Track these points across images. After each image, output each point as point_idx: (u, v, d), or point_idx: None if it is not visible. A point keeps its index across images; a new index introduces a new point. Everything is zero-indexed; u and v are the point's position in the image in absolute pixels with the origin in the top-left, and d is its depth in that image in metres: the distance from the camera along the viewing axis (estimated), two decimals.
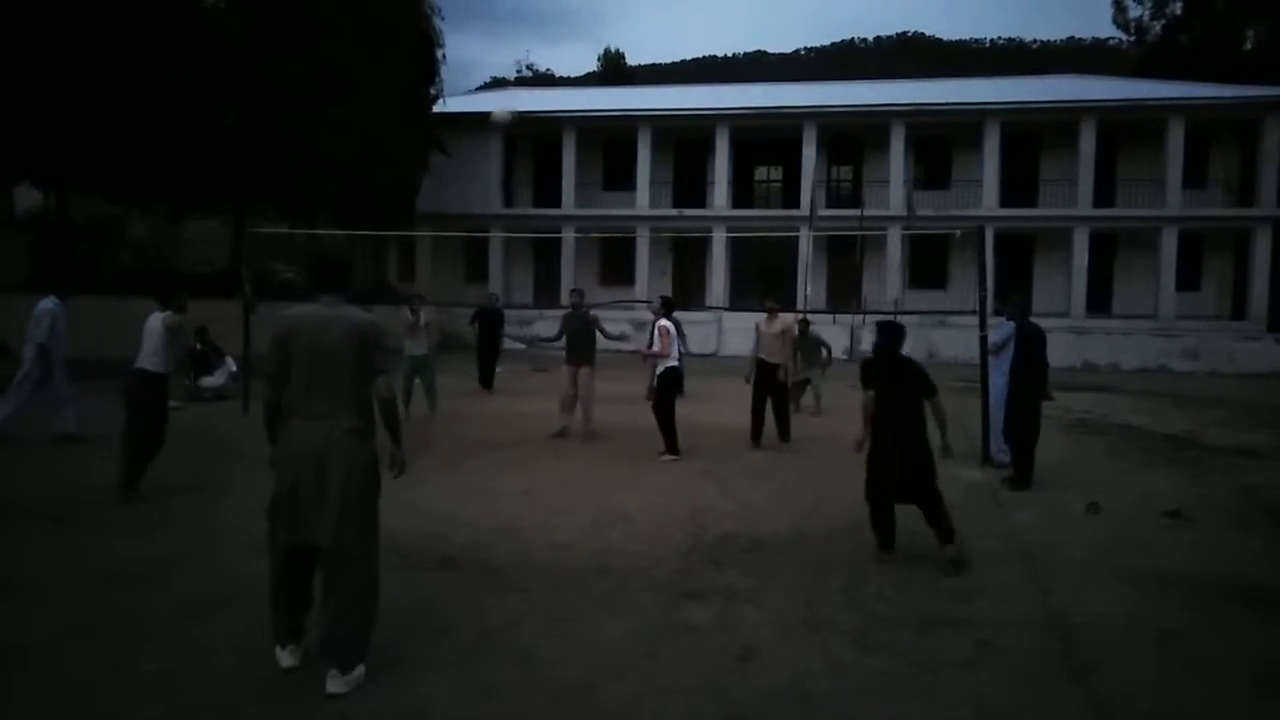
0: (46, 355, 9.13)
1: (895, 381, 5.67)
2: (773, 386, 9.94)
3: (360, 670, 3.60)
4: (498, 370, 15.32)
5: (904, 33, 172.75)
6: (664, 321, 9.39)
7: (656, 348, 9.35)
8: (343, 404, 3.60)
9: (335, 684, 3.52)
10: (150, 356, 6.94)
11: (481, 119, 30.68)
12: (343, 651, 3.55)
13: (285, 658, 3.72)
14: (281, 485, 3.63)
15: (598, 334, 10.32)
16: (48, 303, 9.24)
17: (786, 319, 10.12)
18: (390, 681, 3.67)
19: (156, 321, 7.03)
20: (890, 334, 5.85)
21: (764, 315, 10.26)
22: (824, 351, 13.24)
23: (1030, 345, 8.01)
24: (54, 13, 15.92)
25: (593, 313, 10.57)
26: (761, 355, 9.97)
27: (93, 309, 16.76)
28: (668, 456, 9.07)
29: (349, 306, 3.78)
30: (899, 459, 5.53)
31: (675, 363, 9.39)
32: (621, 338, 11.19)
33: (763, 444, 9.89)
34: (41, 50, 16.12)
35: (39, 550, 5.38)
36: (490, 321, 15.11)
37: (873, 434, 5.71)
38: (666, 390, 9.35)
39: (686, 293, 29.92)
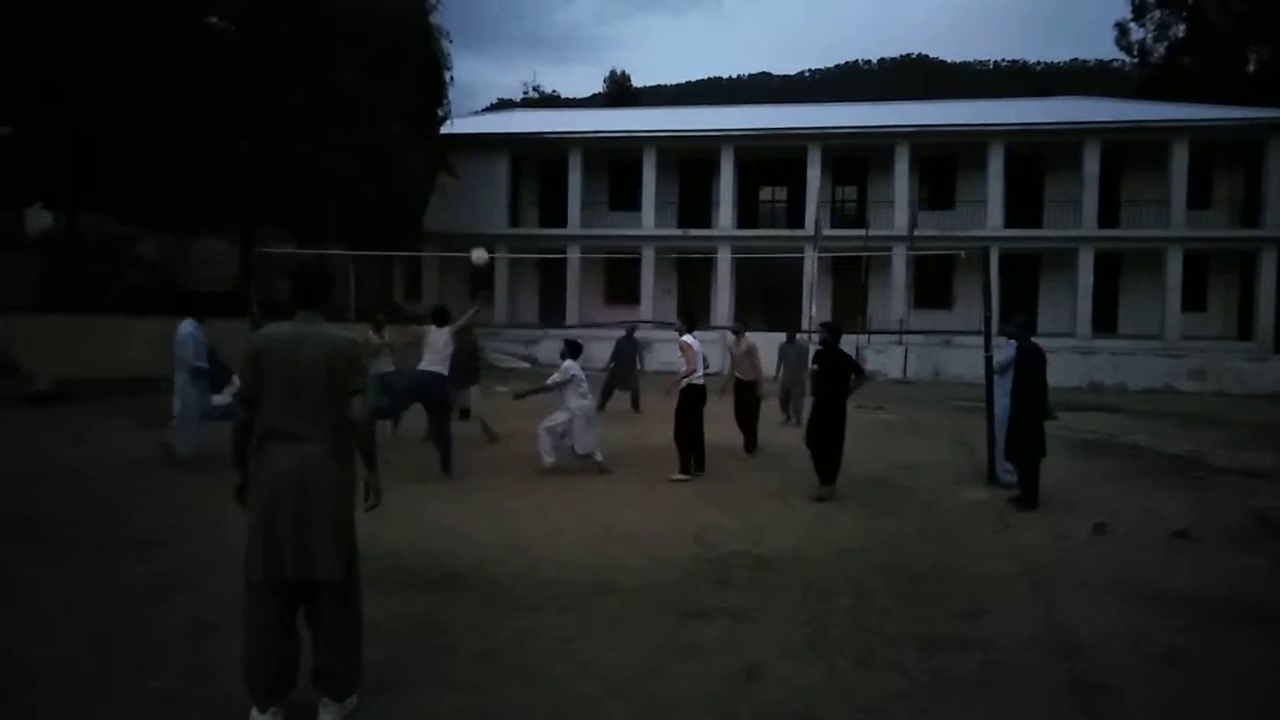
0: (202, 375, 9.16)
1: (833, 365, 8.26)
2: (747, 401, 10.94)
3: (353, 699, 3.56)
4: (500, 390, 15.62)
5: (908, 55, 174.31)
6: (687, 338, 9.27)
7: (683, 368, 9.25)
8: (320, 425, 3.44)
9: (329, 713, 3.47)
10: None
11: (489, 139, 30.92)
12: (337, 681, 3.50)
13: None
14: (255, 511, 3.43)
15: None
16: (187, 325, 9.08)
17: (751, 339, 11.37)
18: (395, 700, 3.67)
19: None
20: (833, 331, 8.46)
21: (733, 337, 11.59)
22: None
23: (1030, 366, 8.03)
24: (66, 36, 16.13)
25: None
26: (737, 374, 11.10)
27: (100, 328, 16.85)
28: (678, 476, 8.96)
29: (325, 324, 3.63)
30: (827, 415, 8.11)
31: (698, 380, 9.21)
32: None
33: (756, 455, 10.67)
34: (53, 73, 16.33)
35: (47, 569, 5.39)
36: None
37: (814, 398, 8.45)
38: (686, 407, 9.19)
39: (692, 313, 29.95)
